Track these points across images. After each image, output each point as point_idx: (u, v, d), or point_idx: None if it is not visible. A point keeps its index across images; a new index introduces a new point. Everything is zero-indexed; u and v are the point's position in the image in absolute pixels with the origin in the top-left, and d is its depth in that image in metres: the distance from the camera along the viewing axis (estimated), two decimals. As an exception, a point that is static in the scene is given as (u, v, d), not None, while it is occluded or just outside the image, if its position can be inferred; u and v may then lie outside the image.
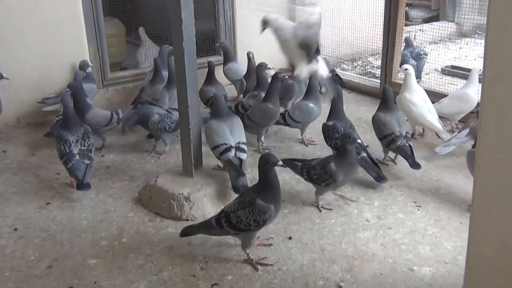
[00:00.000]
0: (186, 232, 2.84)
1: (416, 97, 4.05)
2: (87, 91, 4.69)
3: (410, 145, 3.66)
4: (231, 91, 5.51)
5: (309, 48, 3.30)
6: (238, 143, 3.43)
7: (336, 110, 3.77)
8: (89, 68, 4.73)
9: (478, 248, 1.85)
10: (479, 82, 4.19)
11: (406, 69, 4.12)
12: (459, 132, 3.85)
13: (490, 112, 1.71)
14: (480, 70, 4.06)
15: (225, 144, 3.39)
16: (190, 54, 3.25)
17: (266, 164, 2.63)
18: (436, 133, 4.08)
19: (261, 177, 2.68)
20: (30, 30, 4.61)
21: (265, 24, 3.40)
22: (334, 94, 3.76)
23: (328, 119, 3.77)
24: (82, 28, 4.83)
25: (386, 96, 3.86)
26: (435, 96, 4.55)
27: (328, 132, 3.69)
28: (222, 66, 5.39)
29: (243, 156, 3.39)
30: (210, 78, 4.80)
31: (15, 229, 3.15)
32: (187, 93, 3.29)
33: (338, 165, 3.15)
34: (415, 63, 5.47)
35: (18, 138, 4.53)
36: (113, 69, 5.32)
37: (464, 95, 4.23)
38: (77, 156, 3.46)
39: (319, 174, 3.17)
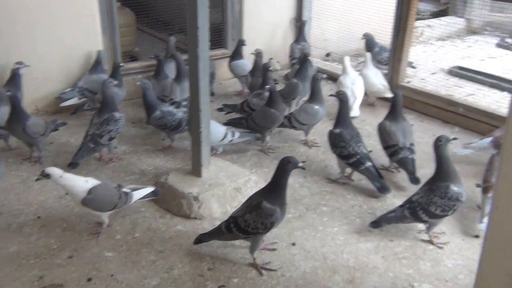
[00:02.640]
0: (199, 240, 3.04)
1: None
2: (98, 82, 4.88)
3: (412, 159, 3.76)
4: (235, 85, 5.67)
5: None
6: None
7: (343, 117, 3.82)
8: (102, 56, 4.93)
9: (486, 284, 1.87)
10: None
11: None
12: (481, 139, 4.02)
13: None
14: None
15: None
16: (203, 60, 3.37)
17: (287, 164, 2.78)
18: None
19: (274, 178, 2.83)
20: (49, 21, 4.76)
21: None
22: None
23: (335, 126, 3.83)
24: (96, 19, 4.98)
25: (395, 102, 3.94)
26: (439, 100, 4.64)
27: (334, 139, 3.77)
28: (228, 60, 5.54)
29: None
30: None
31: (38, 217, 3.37)
32: (199, 97, 3.44)
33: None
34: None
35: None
36: (123, 57, 5.46)
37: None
38: (89, 137, 3.89)
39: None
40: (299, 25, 6.17)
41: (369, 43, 5.81)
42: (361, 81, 5.09)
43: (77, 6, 4.84)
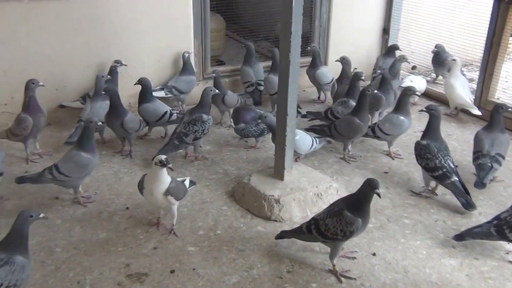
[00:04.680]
0: (281, 236, 3.10)
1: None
2: (186, 82, 5.09)
3: (491, 166, 3.69)
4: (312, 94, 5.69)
5: None
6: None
7: (432, 129, 3.75)
8: (188, 57, 5.13)
9: None
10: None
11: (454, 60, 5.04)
12: None
13: None
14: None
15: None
16: (294, 65, 3.42)
17: (367, 186, 2.77)
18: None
19: (357, 193, 2.84)
20: (147, 24, 5.05)
21: None
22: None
23: (422, 138, 3.78)
24: (190, 23, 5.20)
25: (492, 114, 3.92)
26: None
27: (420, 151, 3.70)
28: (309, 69, 5.55)
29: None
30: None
31: (127, 208, 3.56)
32: (287, 102, 3.48)
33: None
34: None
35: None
36: (211, 62, 5.65)
37: None
38: (175, 135, 4.10)
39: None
40: (387, 38, 6.13)
41: (440, 55, 5.70)
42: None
43: (173, 10, 5.10)
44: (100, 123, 3.70)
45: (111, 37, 4.94)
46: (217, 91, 4.35)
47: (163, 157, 3.07)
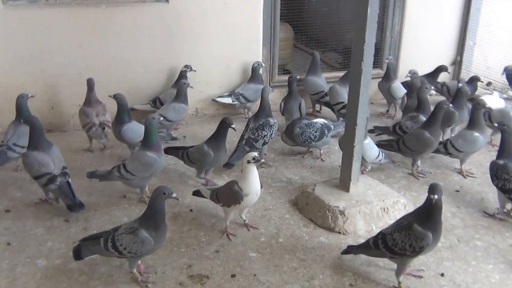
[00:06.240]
0: (347, 251, 3.02)
1: None
2: (254, 91, 5.11)
3: None
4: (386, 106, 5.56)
5: None
6: None
7: (507, 147, 3.57)
8: (258, 66, 5.15)
9: None
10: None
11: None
12: None
13: None
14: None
15: None
16: (366, 75, 3.35)
17: (429, 194, 2.65)
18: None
19: (424, 203, 2.72)
20: (216, 31, 5.13)
21: None
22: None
23: (498, 157, 3.60)
24: (259, 31, 5.23)
25: None
26: None
27: (497, 171, 3.52)
28: (381, 82, 5.43)
29: None
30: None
31: (191, 210, 3.59)
32: (358, 112, 3.41)
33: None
34: None
35: (196, 125, 5.10)
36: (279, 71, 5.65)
37: None
38: (244, 140, 4.11)
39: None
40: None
41: None
42: None
43: (244, 18, 5.15)
44: (162, 118, 3.74)
45: (181, 43, 5.05)
46: (273, 90, 4.40)
47: (254, 154, 3.13)
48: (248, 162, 3.10)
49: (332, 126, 4.36)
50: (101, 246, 2.74)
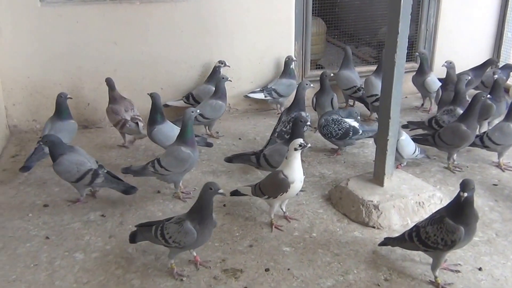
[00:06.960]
0: (384, 243, 3.00)
1: None
2: (286, 86, 5.10)
3: None
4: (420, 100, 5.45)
5: None
6: None
7: None
8: (290, 60, 5.13)
9: None
10: None
11: None
12: None
13: None
14: None
15: None
16: (399, 67, 3.29)
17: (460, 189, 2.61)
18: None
19: (454, 199, 2.68)
20: (249, 27, 5.13)
21: None
22: None
23: None
24: (291, 26, 5.21)
25: None
26: None
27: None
28: (415, 75, 5.33)
29: None
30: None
31: (224, 205, 3.61)
32: (391, 105, 3.36)
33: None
34: None
35: (228, 121, 5.12)
36: (311, 66, 5.62)
37: None
38: (276, 133, 4.14)
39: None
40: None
41: None
42: None
43: (276, 12, 5.14)
44: (198, 111, 3.75)
45: (213, 39, 5.07)
46: (312, 85, 4.34)
47: (300, 140, 3.13)
48: (295, 149, 3.10)
49: (360, 131, 4.24)
50: (152, 233, 2.85)
